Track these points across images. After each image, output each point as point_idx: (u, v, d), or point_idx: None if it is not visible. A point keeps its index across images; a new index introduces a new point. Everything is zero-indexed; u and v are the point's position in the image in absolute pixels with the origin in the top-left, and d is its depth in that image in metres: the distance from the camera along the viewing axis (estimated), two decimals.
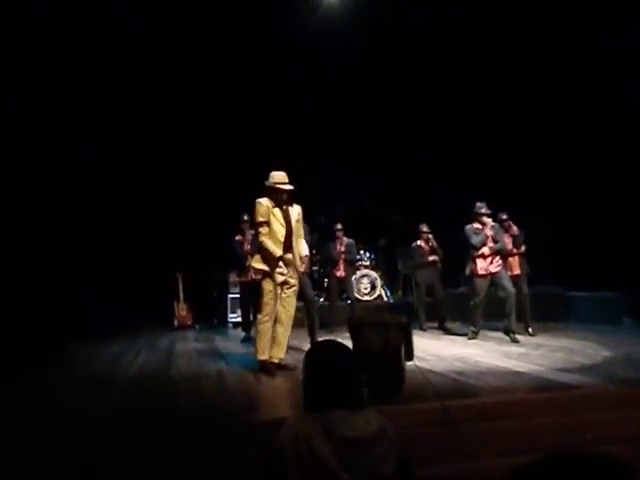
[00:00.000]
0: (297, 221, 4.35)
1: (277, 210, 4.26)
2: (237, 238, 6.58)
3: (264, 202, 4.25)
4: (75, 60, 6.98)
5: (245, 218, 6.46)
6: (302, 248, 4.40)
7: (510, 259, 6.32)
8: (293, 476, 1.53)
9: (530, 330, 6.10)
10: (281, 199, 4.26)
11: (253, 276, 6.04)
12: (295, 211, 4.34)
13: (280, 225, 4.24)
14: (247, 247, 6.45)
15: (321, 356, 1.76)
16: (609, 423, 2.96)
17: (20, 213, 6.50)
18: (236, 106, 7.90)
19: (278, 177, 4.26)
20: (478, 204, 5.96)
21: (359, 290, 7.85)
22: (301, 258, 4.35)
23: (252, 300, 6.22)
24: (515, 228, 6.44)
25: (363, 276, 7.96)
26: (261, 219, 4.21)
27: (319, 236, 7.15)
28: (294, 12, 7.28)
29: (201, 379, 4.20)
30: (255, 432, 2.71)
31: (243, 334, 6.52)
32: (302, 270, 4.40)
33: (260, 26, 7.37)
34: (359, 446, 1.55)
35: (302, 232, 4.47)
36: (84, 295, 7.24)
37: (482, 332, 6.07)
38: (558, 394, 3.28)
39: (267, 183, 4.26)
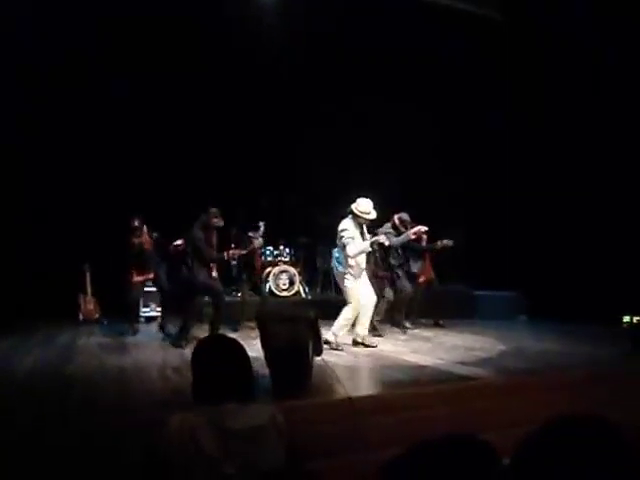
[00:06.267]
0: None
1: None
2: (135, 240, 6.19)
3: None
4: None
5: (136, 224, 6.14)
6: None
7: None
8: (177, 470, 1.51)
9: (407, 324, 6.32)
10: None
11: None
12: None
13: None
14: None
15: (209, 350, 1.75)
16: (497, 410, 3.18)
17: None
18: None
19: None
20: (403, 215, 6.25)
21: (277, 285, 7.80)
22: None
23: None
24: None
25: (282, 272, 7.91)
26: None
27: (236, 230, 7.00)
28: None
29: (100, 375, 3.96)
30: (151, 428, 2.59)
31: (164, 332, 6.01)
32: None
33: None
34: (246, 438, 1.56)
35: None
36: None
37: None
38: (455, 385, 3.46)
39: None
